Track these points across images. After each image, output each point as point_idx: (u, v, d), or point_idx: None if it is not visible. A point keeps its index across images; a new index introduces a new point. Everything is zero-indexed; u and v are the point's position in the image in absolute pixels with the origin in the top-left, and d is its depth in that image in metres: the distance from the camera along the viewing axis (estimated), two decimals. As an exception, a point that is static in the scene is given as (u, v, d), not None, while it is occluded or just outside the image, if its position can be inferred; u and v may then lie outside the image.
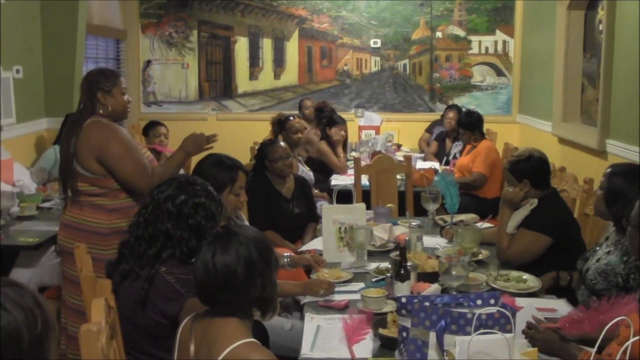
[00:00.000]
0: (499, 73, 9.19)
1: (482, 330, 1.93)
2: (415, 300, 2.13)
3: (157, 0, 9.09)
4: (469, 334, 1.99)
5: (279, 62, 9.27)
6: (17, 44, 5.97)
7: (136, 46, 9.16)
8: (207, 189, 2.93)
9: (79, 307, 3.44)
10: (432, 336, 2.09)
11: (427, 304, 2.11)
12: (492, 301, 2.13)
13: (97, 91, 3.72)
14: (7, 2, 5.67)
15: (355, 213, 4.09)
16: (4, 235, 4.37)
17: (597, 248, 3.38)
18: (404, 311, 2.17)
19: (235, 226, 2.50)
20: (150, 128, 6.42)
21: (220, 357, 2.15)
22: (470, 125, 6.69)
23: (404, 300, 2.18)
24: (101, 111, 3.72)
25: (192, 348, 2.30)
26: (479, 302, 2.14)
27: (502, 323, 2.06)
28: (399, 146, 8.43)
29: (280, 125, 6.46)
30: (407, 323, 2.14)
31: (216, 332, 2.25)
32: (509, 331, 2.04)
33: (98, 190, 3.69)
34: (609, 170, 3.39)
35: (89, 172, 3.66)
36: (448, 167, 7.04)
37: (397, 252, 3.40)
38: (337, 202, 5.20)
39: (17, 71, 5.95)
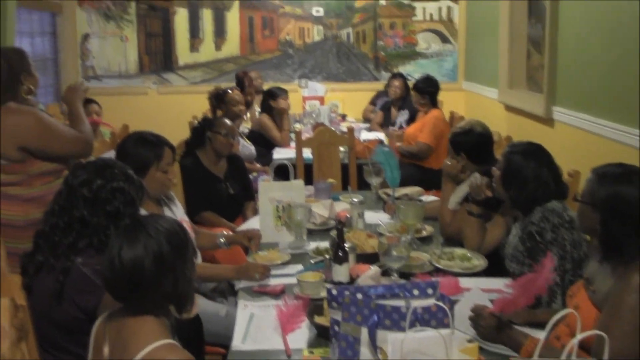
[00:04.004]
0: (444, 40, 9.04)
1: (416, 327, 1.76)
2: (347, 293, 1.95)
3: (92, -29, 8.75)
4: (403, 329, 1.82)
5: (219, 33, 9.00)
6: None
7: (73, 20, 8.80)
8: (127, 172, 2.73)
9: None
10: (365, 332, 1.91)
11: (359, 296, 1.93)
12: (429, 291, 1.96)
13: (21, 72, 3.53)
14: None
15: (293, 190, 3.91)
16: None
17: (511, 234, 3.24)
18: (334, 304, 1.99)
19: (146, 217, 2.31)
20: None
21: (136, 360, 1.97)
22: (422, 90, 6.55)
23: (334, 292, 2.00)
24: (26, 95, 3.56)
25: (105, 350, 2.12)
26: (415, 292, 1.96)
27: (439, 317, 1.90)
28: (343, 116, 8.29)
29: (218, 98, 6.27)
30: (339, 316, 1.97)
31: (130, 332, 2.08)
32: (447, 325, 1.88)
33: (12, 179, 3.46)
34: (507, 149, 3.25)
35: (4, 160, 3.43)
36: (395, 129, 6.93)
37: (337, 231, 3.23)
38: (280, 177, 5.04)
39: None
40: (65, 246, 2.61)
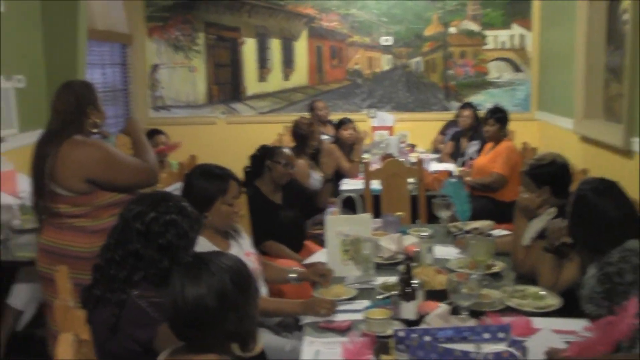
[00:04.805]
0: (516, 68, 8.88)
1: (488, 376, 1.66)
2: (414, 336, 1.87)
3: (162, 2, 8.86)
4: (474, 376, 1.72)
5: (288, 62, 9.03)
6: (18, 52, 5.73)
7: (142, 50, 8.95)
8: (181, 205, 2.73)
9: None
10: (432, 378, 1.82)
11: (427, 339, 1.84)
12: (501, 335, 1.86)
13: (88, 105, 3.58)
14: (7, 11, 5.45)
15: (360, 224, 3.82)
16: (4, 250, 4.21)
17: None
18: (401, 346, 1.91)
19: (208, 254, 2.26)
20: (149, 137, 6.23)
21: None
22: (501, 120, 6.41)
23: (401, 334, 1.92)
24: (92, 129, 3.60)
25: (168, 387, 2.07)
26: (486, 335, 1.87)
27: (512, 363, 1.80)
28: (412, 147, 8.16)
29: (309, 131, 6.24)
30: (405, 358, 1.88)
31: (193, 370, 2.03)
32: (521, 373, 1.77)
33: (79, 211, 3.50)
34: (578, 186, 3.07)
35: (72, 192, 3.47)
36: (464, 168, 6.78)
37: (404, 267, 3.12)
38: (348, 208, 4.97)
39: (19, 80, 5.71)
40: (121, 280, 2.62)
